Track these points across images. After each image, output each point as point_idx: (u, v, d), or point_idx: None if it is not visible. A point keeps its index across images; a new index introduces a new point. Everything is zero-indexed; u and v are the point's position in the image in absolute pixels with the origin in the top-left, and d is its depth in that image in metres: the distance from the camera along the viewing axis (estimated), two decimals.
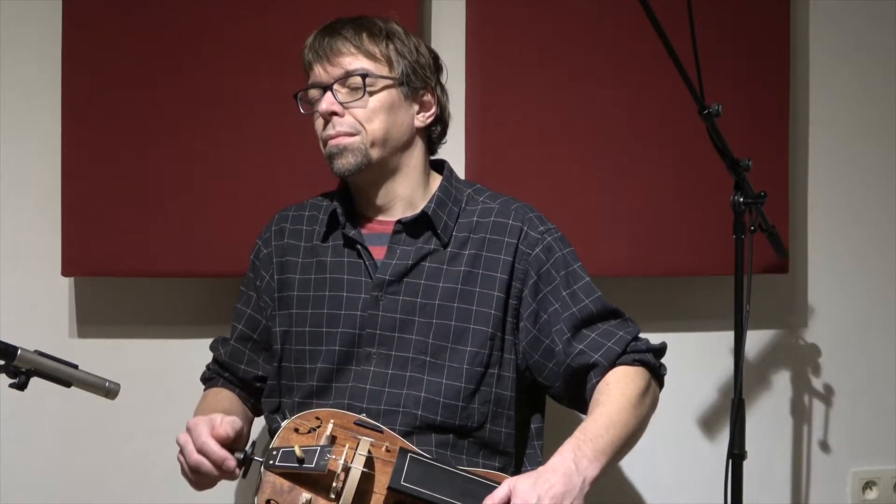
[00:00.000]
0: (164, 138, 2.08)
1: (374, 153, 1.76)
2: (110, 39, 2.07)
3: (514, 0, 2.21)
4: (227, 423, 1.62)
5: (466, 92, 2.21)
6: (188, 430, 1.63)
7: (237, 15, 2.11)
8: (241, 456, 1.61)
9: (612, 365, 1.74)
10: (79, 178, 2.06)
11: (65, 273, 2.08)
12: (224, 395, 1.90)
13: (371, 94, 1.75)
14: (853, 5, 2.47)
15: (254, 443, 1.65)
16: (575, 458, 1.58)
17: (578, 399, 1.79)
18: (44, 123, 2.11)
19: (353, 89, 1.75)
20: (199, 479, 1.64)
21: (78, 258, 2.07)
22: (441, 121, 1.87)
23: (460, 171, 2.18)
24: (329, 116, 1.75)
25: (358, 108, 1.75)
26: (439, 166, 1.90)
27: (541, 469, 1.58)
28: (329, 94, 1.75)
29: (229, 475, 1.61)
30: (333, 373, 1.76)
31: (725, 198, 1.91)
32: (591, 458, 1.59)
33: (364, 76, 1.73)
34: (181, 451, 1.64)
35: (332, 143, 1.76)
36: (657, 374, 1.80)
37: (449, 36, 2.22)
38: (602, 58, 2.24)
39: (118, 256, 2.08)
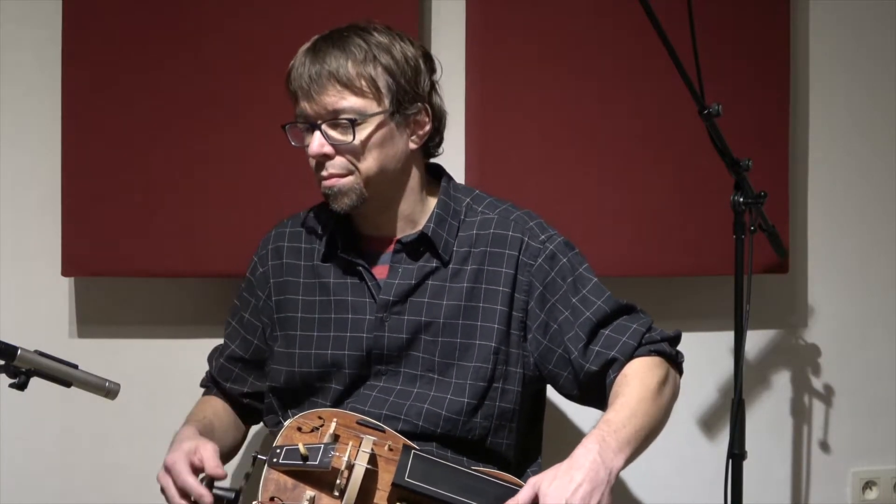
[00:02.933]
0: (164, 138, 2.08)
1: (370, 190, 1.71)
2: (110, 39, 2.06)
3: (514, 0, 2.21)
4: (206, 453, 1.61)
5: (466, 91, 2.21)
6: (167, 469, 1.62)
7: (237, 14, 2.10)
8: (232, 496, 1.60)
9: (630, 359, 1.73)
10: (79, 178, 2.06)
11: (65, 273, 2.08)
12: (212, 404, 1.90)
13: (361, 132, 1.68)
14: (853, 6, 2.48)
15: (241, 488, 1.64)
16: (600, 451, 1.55)
17: (601, 399, 1.76)
18: (44, 123, 2.10)
19: (343, 128, 1.68)
20: None
21: (78, 258, 2.06)
22: (437, 131, 1.81)
23: (460, 171, 2.18)
24: (322, 159, 1.70)
25: (349, 149, 1.69)
26: (437, 171, 1.86)
27: (565, 465, 1.55)
28: (318, 134, 1.68)
29: None
30: (344, 394, 1.76)
31: (725, 198, 1.91)
32: (616, 450, 1.57)
33: (353, 120, 1.66)
34: (163, 492, 1.63)
35: (325, 184, 1.71)
36: (675, 363, 1.78)
37: (449, 36, 2.22)
38: (602, 57, 2.24)
39: (118, 256, 2.07)
